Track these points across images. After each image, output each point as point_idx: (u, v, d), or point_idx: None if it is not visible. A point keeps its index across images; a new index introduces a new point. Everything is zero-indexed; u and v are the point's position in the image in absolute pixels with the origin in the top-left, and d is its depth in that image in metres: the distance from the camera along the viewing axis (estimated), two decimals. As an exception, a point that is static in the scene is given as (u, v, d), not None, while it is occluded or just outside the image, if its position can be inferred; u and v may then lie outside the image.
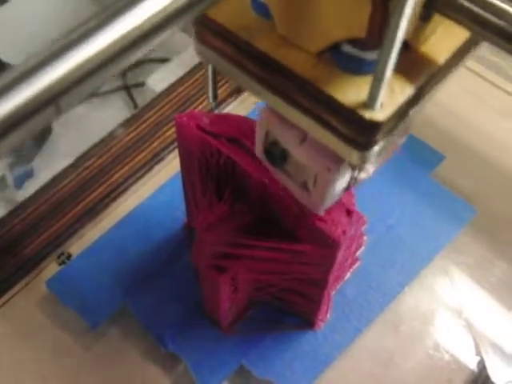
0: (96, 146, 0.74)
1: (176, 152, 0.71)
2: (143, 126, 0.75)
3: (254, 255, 0.51)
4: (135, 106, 0.93)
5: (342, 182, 0.45)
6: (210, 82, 0.45)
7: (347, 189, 0.47)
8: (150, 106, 0.77)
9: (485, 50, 0.40)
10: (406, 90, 0.35)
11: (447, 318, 0.64)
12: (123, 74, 0.93)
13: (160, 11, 0.26)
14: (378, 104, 0.34)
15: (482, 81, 0.78)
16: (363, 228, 0.64)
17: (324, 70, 0.35)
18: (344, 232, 0.49)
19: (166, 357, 0.61)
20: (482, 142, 0.75)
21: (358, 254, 0.65)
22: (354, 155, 0.36)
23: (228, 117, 0.52)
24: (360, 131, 0.35)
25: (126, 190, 0.70)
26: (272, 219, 0.51)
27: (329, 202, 0.46)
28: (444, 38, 0.37)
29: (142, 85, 0.93)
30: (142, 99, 0.90)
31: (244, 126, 0.51)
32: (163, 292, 0.63)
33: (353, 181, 0.46)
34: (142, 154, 0.73)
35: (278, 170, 0.47)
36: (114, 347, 0.62)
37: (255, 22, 0.37)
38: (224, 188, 0.52)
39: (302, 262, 0.52)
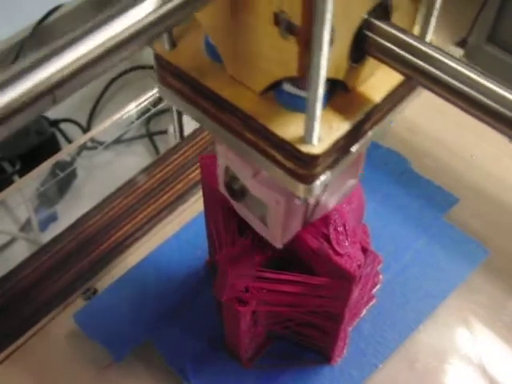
0: (121, 188, 0.77)
1: (198, 194, 0.74)
2: (167, 168, 0.78)
3: (273, 288, 0.53)
4: (157, 152, 0.96)
5: (295, 215, 0.48)
6: (176, 124, 0.49)
7: (306, 222, 0.50)
8: (174, 150, 0.80)
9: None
10: (342, 127, 0.38)
11: (461, 355, 0.65)
12: (147, 122, 0.97)
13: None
14: (314, 138, 0.36)
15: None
16: (379, 267, 0.67)
17: (267, 107, 0.39)
18: (359, 266, 0.51)
19: (187, 390, 0.62)
20: (495, 185, 0.77)
21: (373, 291, 0.67)
22: (298, 188, 0.39)
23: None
24: (300, 164, 0.38)
25: (149, 229, 0.73)
26: (291, 254, 0.54)
27: (286, 234, 0.49)
28: (382, 80, 0.40)
29: (164, 132, 0.96)
30: (164, 146, 0.94)
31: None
32: (185, 327, 0.65)
33: (309, 214, 0.49)
34: (166, 196, 0.75)
35: (239, 205, 0.50)
36: (137, 381, 0.63)
37: (208, 65, 0.41)
38: (245, 224, 0.54)
39: (319, 296, 0.54)
